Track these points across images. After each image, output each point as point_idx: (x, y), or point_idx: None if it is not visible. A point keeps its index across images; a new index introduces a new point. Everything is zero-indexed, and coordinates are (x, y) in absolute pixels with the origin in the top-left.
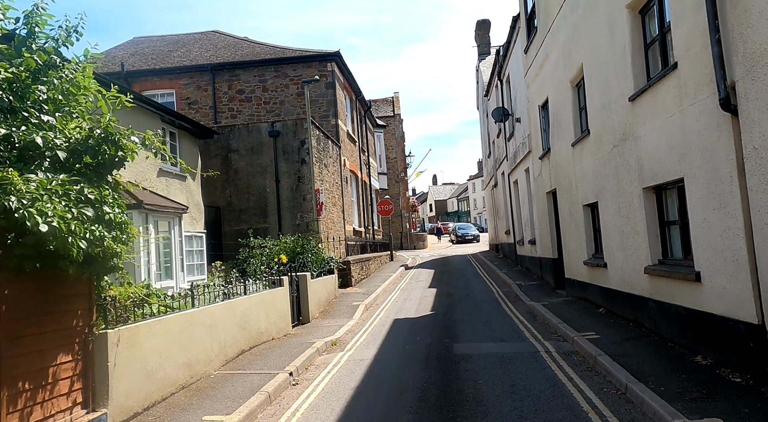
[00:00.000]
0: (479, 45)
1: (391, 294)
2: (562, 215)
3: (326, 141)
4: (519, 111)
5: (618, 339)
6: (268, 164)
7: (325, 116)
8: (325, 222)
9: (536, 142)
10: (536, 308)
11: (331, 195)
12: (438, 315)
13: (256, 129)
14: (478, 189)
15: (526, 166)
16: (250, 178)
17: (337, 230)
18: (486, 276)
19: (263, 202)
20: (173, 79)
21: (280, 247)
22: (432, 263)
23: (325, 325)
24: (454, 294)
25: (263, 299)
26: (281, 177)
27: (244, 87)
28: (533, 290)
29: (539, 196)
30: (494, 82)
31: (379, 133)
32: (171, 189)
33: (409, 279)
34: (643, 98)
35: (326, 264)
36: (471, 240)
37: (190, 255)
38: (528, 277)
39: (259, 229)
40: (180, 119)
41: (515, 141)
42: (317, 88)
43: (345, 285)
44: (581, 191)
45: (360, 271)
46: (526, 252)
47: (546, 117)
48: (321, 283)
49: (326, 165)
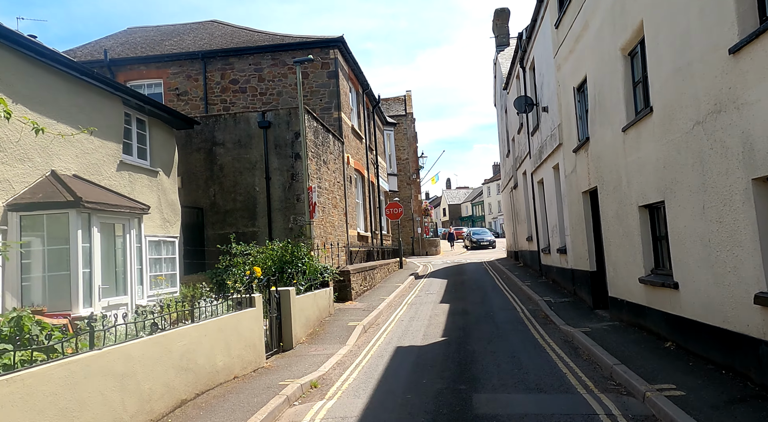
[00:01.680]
0: (497, 35)
1: (397, 310)
2: (606, 219)
3: (326, 135)
4: (546, 99)
5: (717, 400)
6: (258, 159)
7: (327, 108)
8: (323, 225)
9: (569, 133)
10: (576, 336)
11: (331, 195)
12: (451, 342)
13: (244, 119)
14: (494, 192)
15: (554, 162)
16: (237, 175)
17: (338, 235)
18: (506, 288)
19: (252, 203)
20: (161, 68)
21: (266, 255)
22: (445, 271)
23: (311, 354)
24: (470, 312)
25: (222, 326)
26: (272, 174)
27: (238, 76)
28: (566, 309)
29: (572, 196)
30: (515, 71)
31: (389, 131)
32: (136, 185)
33: (419, 290)
34: (756, 47)
35: (319, 275)
36: (486, 246)
37: (157, 265)
38: (557, 292)
39: (246, 233)
40: (150, 104)
41: (540, 134)
42: (318, 78)
43: (343, 298)
44: (636, 188)
45: (362, 282)
46: (554, 262)
47: (583, 100)
48: (310, 299)
49: (326, 161)
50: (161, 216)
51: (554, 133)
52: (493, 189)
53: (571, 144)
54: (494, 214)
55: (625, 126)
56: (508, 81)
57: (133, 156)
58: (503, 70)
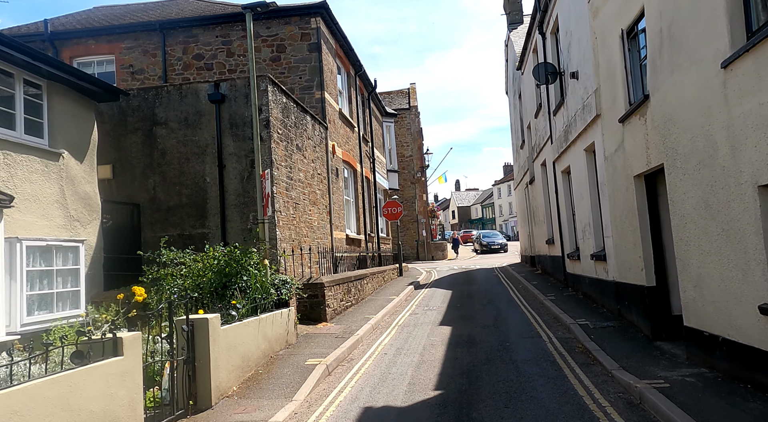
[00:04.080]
0: (509, 12)
1: (382, 336)
2: (681, 210)
3: (301, 115)
4: (575, 62)
5: None
6: (209, 142)
7: (308, 88)
8: (294, 226)
9: (612, 97)
10: (649, 400)
11: (308, 189)
12: (447, 403)
13: (192, 92)
14: (504, 194)
15: (587, 142)
16: (184, 162)
17: (318, 238)
18: (524, 303)
19: (201, 197)
20: (113, 42)
21: (205, 265)
22: (450, 280)
23: (233, 420)
24: (478, 342)
25: (29, 401)
26: (228, 160)
27: (203, 51)
28: (613, 340)
29: (618, 183)
30: (531, 44)
31: (389, 123)
32: (18, 170)
33: (416, 305)
34: None
35: (274, 292)
36: (498, 250)
37: (46, 279)
38: (592, 312)
39: (194, 236)
40: (50, 64)
41: (566, 111)
42: (297, 51)
43: (315, 319)
44: (753, 158)
45: (344, 296)
46: (585, 270)
47: (634, 47)
48: (251, 329)
49: (300, 147)
50: (65, 213)
51: (588, 103)
52: (504, 190)
53: (616, 112)
54: (505, 216)
55: (730, 57)
56: (523, 58)
57: (15, 131)
58: (516, 49)
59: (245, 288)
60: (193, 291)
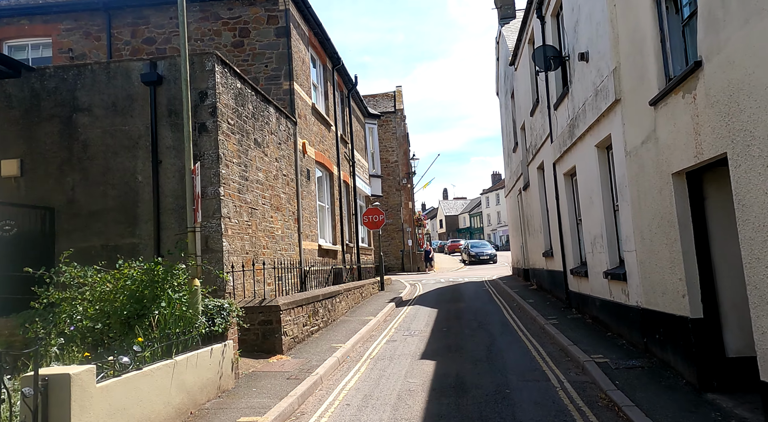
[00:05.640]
0: (501, 7)
1: (348, 376)
2: (754, 217)
3: (262, 105)
4: (584, 42)
5: None
6: (143, 133)
7: (274, 77)
8: (250, 235)
9: (639, 74)
10: None
11: (270, 192)
12: None
13: (122, 72)
14: (492, 203)
15: (600, 137)
16: (111, 156)
17: (283, 249)
18: (521, 328)
19: (131, 200)
20: (49, 23)
21: (116, 287)
22: (436, 295)
23: None
24: (469, 389)
25: None
26: (164, 155)
27: (155, 34)
28: (648, 389)
29: (647, 183)
30: (527, 32)
31: (372, 125)
32: None
33: (395, 329)
34: None
35: (202, 323)
36: (486, 261)
37: None
38: (609, 343)
39: (122, 247)
40: None
41: (572, 101)
42: (262, 36)
43: (269, 350)
44: None
45: (308, 320)
46: (595, 290)
47: (673, 4)
48: (159, 378)
49: (260, 143)
50: None
51: (603, 87)
52: (492, 199)
53: (644, 93)
54: (493, 226)
55: None
56: (517, 52)
57: None
58: (509, 44)
59: (166, 321)
60: (97, 322)
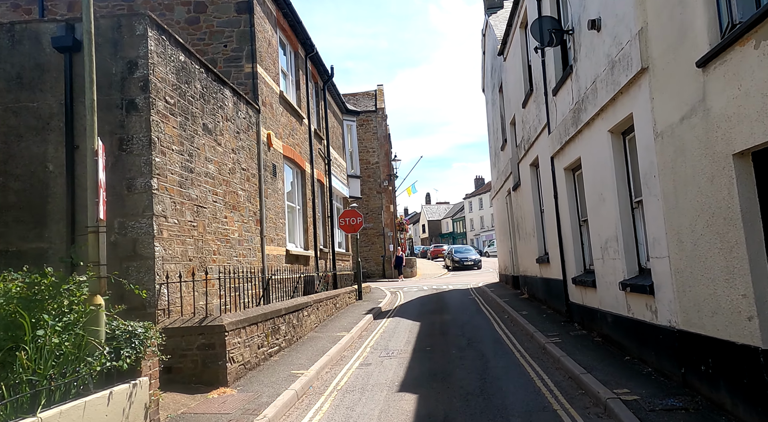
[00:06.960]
0: None
1: (305, 418)
2: None
3: (215, 85)
4: (595, 8)
5: None
6: (56, 111)
7: (235, 59)
8: (195, 238)
9: (678, 32)
10: None
11: (225, 187)
12: None
13: (31, 36)
14: (476, 208)
15: (618, 118)
16: (13, 141)
17: (239, 255)
18: (518, 348)
19: (39, 194)
20: None
21: None
22: (419, 304)
23: None
24: None
25: None
26: (83, 139)
27: (96, 7)
28: None
29: (690, 169)
30: (519, 14)
31: (351, 122)
32: None
33: (371, 349)
34: None
35: (99, 358)
36: (471, 267)
37: None
38: (630, 370)
39: (26, 253)
40: None
41: (577, 82)
42: (222, 11)
43: (210, 381)
44: None
45: (266, 340)
46: (607, 304)
47: None
48: None
49: (210, 129)
50: None
51: (623, 57)
52: (476, 204)
53: (687, 53)
54: (477, 231)
55: None
56: (506, 40)
57: None
58: (497, 34)
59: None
60: None
